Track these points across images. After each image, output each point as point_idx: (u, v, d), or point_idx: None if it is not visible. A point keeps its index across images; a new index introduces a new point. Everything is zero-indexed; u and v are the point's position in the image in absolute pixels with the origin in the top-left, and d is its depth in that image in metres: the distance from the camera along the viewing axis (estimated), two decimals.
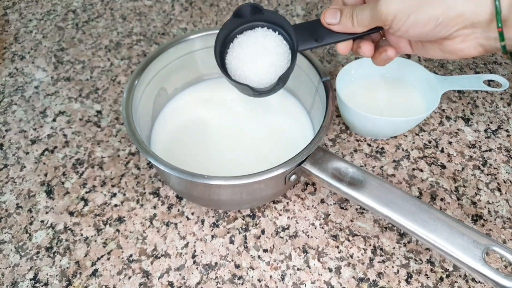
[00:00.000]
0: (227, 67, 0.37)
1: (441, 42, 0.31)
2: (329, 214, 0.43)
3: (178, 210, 0.43)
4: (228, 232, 0.42)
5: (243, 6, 0.35)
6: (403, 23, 0.29)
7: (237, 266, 0.39)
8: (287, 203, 0.44)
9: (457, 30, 0.29)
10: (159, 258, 0.40)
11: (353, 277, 0.38)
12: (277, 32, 0.36)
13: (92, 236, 0.41)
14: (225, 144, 0.45)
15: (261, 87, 0.37)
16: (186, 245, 0.41)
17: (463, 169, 0.47)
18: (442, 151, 0.49)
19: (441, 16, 0.28)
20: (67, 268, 0.39)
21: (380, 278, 0.38)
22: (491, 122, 0.51)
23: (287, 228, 0.42)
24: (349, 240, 0.41)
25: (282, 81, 0.36)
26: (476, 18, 0.27)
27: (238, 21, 0.36)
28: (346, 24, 0.33)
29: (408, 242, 0.41)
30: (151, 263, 0.39)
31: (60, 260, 0.40)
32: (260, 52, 0.35)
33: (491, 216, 0.43)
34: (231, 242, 0.41)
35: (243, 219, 0.43)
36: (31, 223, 0.43)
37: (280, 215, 0.43)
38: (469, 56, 0.31)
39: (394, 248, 0.40)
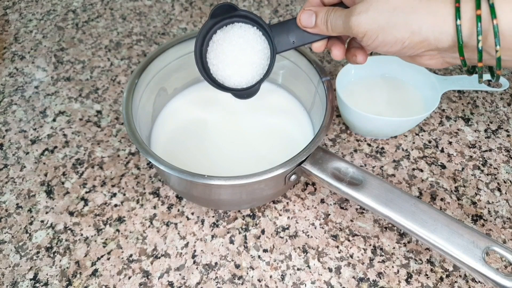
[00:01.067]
0: (209, 66, 0.37)
1: (410, 56, 0.32)
2: (329, 214, 0.43)
3: (178, 210, 0.43)
4: (228, 232, 0.42)
5: (219, 6, 0.35)
6: (372, 41, 0.30)
7: (237, 266, 0.39)
8: (287, 203, 0.44)
9: (423, 52, 0.30)
10: (159, 258, 0.40)
11: (353, 277, 0.38)
12: (255, 27, 0.36)
13: (92, 236, 0.41)
14: (225, 144, 0.45)
15: (242, 85, 0.37)
16: (186, 245, 0.41)
17: (463, 169, 0.47)
18: (442, 151, 0.49)
19: (406, 40, 0.29)
20: (67, 268, 0.39)
21: (380, 278, 0.38)
22: (491, 122, 0.51)
23: (287, 228, 0.42)
24: (349, 240, 0.41)
25: (261, 82, 0.37)
26: (440, 44, 0.28)
27: (216, 21, 0.37)
28: (321, 28, 0.34)
29: (408, 242, 0.41)
30: (151, 263, 0.39)
31: (60, 260, 0.40)
32: (240, 47, 0.36)
33: (491, 216, 0.43)
34: (231, 242, 0.41)
35: (243, 219, 0.43)
36: (31, 223, 0.43)
37: (280, 215, 0.43)
38: (438, 68, 0.32)
39: (394, 248, 0.40)
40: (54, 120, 0.52)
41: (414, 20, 0.28)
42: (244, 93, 0.38)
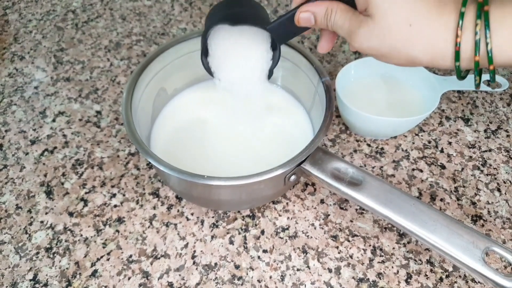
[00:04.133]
0: (213, 70, 0.40)
1: None
2: (329, 215, 0.43)
3: (178, 211, 0.43)
4: (227, 233, 0.42)
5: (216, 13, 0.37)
6: (373, 58, 0.32)
7: (237, 267, 0.39)
8: (287, 203, 0.44)
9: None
10: (159, 258, 0.40)
11: (353, 278, 0.38)
12: (258, 27, 0.37)
13: (91, 237, 0.41)
14: (224, 144, 0.45)
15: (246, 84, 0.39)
16: (186, 245, 0.41)
17: (462, 169, 0.47)
18: (441, 151, 0.48)
19: (406, 64, 0.30)
20: (67, 268, 0.39)
21: (380, 279, 0.38)
22: (490, 122, 0.51)
23: (287, 229, 0.42)
24: (348, 241, 0.41)
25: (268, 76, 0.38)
26: (439, 67, 0.30)
27: (221, 13, 0.37)
28: (321, 26, 0.33)
29: (408, 243, 0.41)
30: (151, 263, 0.39)
31: (60, 261, 0.40)
32: (240, 54, 0.37)
33: (490, 216, 0.43)
34: (231, 242, 0.41)
35: (243, 220, 0.43)
36: (30, 224, 0.42)
37: (279, 215, 0.43)
38: None
39: (393, 248, 0.40)
40: (53, 120, 0.52)
41: (414, 52, 0.29)
42: None
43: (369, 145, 0.49)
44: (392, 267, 0.39)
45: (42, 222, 0.43)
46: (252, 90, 0.40)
